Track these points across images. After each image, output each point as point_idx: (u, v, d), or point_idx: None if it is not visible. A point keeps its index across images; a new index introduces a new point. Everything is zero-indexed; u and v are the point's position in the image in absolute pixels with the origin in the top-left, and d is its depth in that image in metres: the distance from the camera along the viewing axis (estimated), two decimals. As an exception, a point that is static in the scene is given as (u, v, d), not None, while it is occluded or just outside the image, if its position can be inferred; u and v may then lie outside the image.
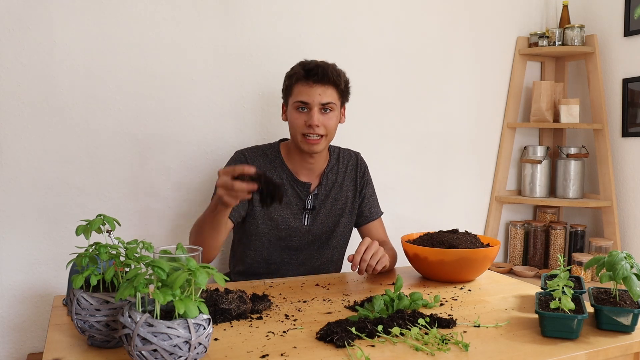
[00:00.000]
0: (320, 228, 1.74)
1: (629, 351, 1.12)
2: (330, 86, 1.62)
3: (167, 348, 0.86)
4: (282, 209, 1.69)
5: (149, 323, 0.87)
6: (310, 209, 1.72)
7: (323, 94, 1.61)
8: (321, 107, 1.61)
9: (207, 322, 0.91)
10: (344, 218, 1.78)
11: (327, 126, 1.63)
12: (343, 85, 1.66)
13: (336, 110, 1.65)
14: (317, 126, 1.60)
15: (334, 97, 1.63)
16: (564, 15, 2.57)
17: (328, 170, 1.76)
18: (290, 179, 1.71)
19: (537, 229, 2.58)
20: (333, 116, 1.64)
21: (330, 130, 1.64)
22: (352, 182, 1.80)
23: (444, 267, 1.51)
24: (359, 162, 1.83)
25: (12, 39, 1.70)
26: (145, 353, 0.87)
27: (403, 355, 1.02)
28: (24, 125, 1.73)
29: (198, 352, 0.90)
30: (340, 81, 1.64)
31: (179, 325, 0.87)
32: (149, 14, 1.86)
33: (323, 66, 1.62)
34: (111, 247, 1.06)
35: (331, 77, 1.61)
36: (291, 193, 1.70)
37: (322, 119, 1.61)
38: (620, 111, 2.48)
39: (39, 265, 1.78)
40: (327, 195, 1.75)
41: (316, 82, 1.60)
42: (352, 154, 1.84)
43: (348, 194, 1.78)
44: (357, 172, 1.81)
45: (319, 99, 1.60)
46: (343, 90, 1.67)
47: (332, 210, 1.76)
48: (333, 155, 1.79)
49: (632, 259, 1.19)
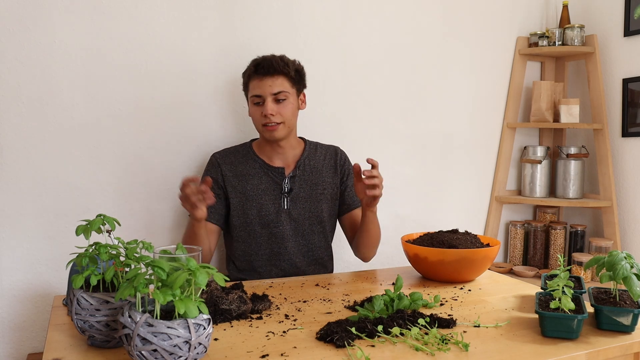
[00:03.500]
0: (303, 213, 1.78)
1: (629, 351, 1.12)
2: (279, 76, 1.70)
3: (167, 348, 0.86)
4: (260, 196, 1.75)
5: (149, 323, 0.87)
6: (287, 192, 1.77)
7: (273, 85, 1.69)
8: (273, 97, 1.69)
9: (207, 322, 0.92)
10: (327, 204, 1.82)
11: (282, 114, 1.70)
12: (293, 73, 1.73)
13: (290, 97, 1.72)
14: (271, 115, 1.68)
15: (284, 85, 1.70)
16: (564, 15, 2.57)
17: (305, 157, 1.82)
18: (264, 167, 1.78)
19: (537, 229, 2.58)
20: (287, 104, 1.71)
21: (286, 117, 1.71)
22: (331, 169, 1.84)
23: (444, 267, 1.51)
24: (338, 152, 1.89)
25: (12, 39, 1.70)
26: (145, 353, 0.87)
27: (403, 355, 1.02)
28: (24, 125, 1.73)
29: (198, 352, 0.90)
30: (288, 70, 1.71)
31: (179, 325, 0.87)
32: (149, 13, 1.86)
33: (270, 59, 1.71)
34: (111, 247, 1.06)
35: (278, 68, 1.69)
36: (266, 180, 1.77)
37: (277, 107, 1.70)
38: (620, 111, 2.48)
39: (39, 265, 1.78)
40: (306, 179, 1.79)
41: (265, 75, 1.69)
42: (331, 146, 1.91)
43: (327, 179, 1.83)
44: (337, 161, 1.86)
45: (270, 89, 1.69)
46: (294, 78, 1.73)
47: (313, 195, 1.79)
48: (310, 146, 1.85)
49: (632, 259, 1.19)
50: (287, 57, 1.75)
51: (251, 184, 1.76)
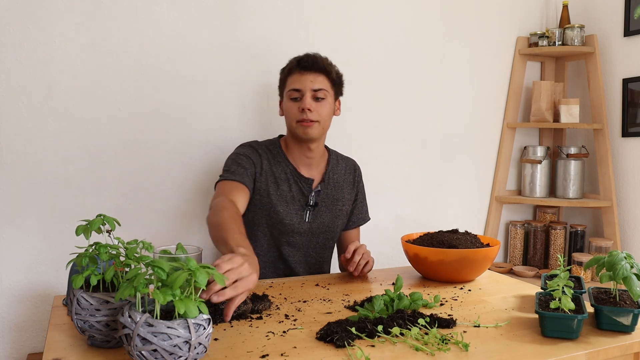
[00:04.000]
0: (321, 227, 1.75)
1: (629, 351, 1.12)
2: (321, 74, 1.67)
3: (167, 348, 0.86)
4: (286, 204, 1.70)
5: (149, 323, 0.87)
6: (312, 206, 1.73)
7: (314, 81, 1.65)
8: (313, 93, 1.65)
9: (207, 322, 0.91)
10: (340, 220, 1.81)
11: (320, 112, 1.65)
12: (334, 75, 1.70)
13: (329, 98, 1.68)
14: (309, 110, 1.63)
15: (325, 84, 1.67)
16: (564, 15, 2.57)
17: (330, 170, 1.78)
18: (294, 174, 1.72)
19: (537, 229, 2.58)
20: (326, 103, 1.67)
21: (323, 117, 1.66)
22: (349, 185, 1.83)
23: (444, 267, 1.51)
24: (355, 167, 1.87)
25: (12, 39, 1.70)
26: (145, 353, 0.87)
27: (403, 355, 1.02)
28: (24, 125, 1.73)
29: (198, 352, 0.90)
30: (331, 70, 1.69)
31: (179, 325, 0.87)
32: (149, 13, 1.86)
33: (314, 55, 1.68)
34: (111, 247, 1.06)
35: (321, 65, 1.67)
36: (295, 189, 1.71)
37: (315, 105, 1.65)
38: (620, 111, 2.48)
39: (39, 265, 1.78)
40: (329, 194, 1.76)
41: (307, 70, 1.66)
42: (349, 159, 1.88)
43: (346, 196, 1.81)
44: (355, 177, 1.85)
45: (310, 85, 1.65)
46: (335, 81, 1.70)
47: (333, 210, 1.77)
48: (332, 156, 1.81)
49: (632, 259, 1.19)
50: (330, 61, 1.72)
51: (281, 190, 1.69)
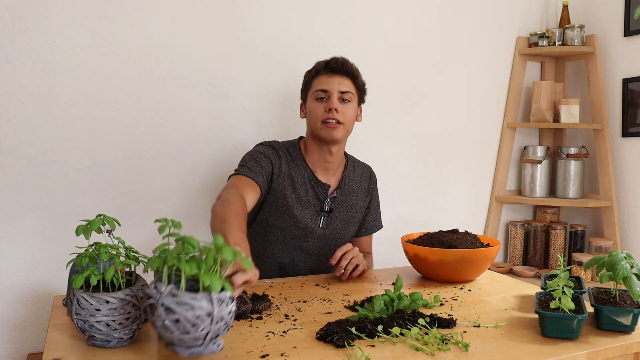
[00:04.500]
0: (334, 233, 1.74)
1: (629, 351, 1.12)
2: (348, 78, 1.67)
3: (190, 318, 0.87)
4: (302, 208, 1.68)
5: (173, 293, 0.88)
6: (327, 212, 1.72)
7: (342, 83, 1.66)
8: (340, 95, 1.65)
9: (230, 299, 0.92)
10: (352, 226, 1.80)
11: (346, 114, 1.65)
12: (360, 81, 1.71)
13: (353, 102, 1.68)
14: (336, 110, 1.63)
15: (352, 88, 1.68)
16: (564, 15, 2.57)
17: (346, 176, 1.77)
18: (312, 179, 1.70)
19: (537, 229, 2.58)
20: (351, 107, 1.67)
21: (348, 120, 1.66)
22: (364, 192, 1.81)
23: (444, 267, 1.51)
24: (372, 175, 1.86)
25: (12, 39, 1.70)
26: (169, 323, 0.88)
27: (403, 355, 1.02)
28: (24, 125, 1.73)
29: (220, 326, 0.90)
30: (358, 75, 1.70)
31: (202, 297, 0.88)
32: (149, 13, 1.86)
33: (343, 59, 1.69)
34: (111, 247, 1.06)
35: (349, 70, 1.67)
36: (311, 194, 1.70)
37: (341, 106, 1.65)
38: (620, 111, 2.48)
39: (39, 265, 1.78)
40: (344, 200, 1.75)
41: (335, 72, 1.66)
42: (366, 165, 1.87)
43: (360, 203, 1.80)
44: (370, 184, 1.84)
45: (338, 87, 1.65)
46: (360, 86, 1.71)
47: (347, 217, 1.76)
48: (350, 162, 1.80)
49: (632, 259, 1.19)
50: None
51: (296, 193, 1.67)
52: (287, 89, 2.10)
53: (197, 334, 0.88)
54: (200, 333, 0.88)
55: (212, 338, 0.91)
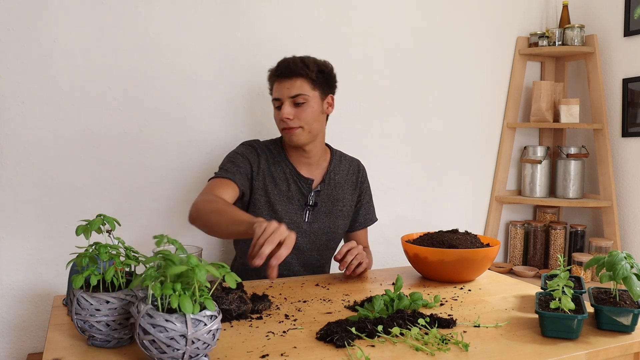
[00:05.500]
0: (322, 227, 1.75)
1: (629, 351, 1.12)
2: (297, 78, 1.63)
3: (164, 340, 0.88)
4: (285, 203, 1.70)
5: (150, 314, 0.90)
6: (311, 206, 1.73)
7: (291, 87, 1.63)
8: (292, 100, 1.63)
9: (209, 319, 0.92)
10: (342, 220, 1.80)
11: (301, 117, 1.63)
12: (315, 75, 1.64)
13: (310, 101, 1.64)
14: (287, 119, 1.62)
15: (303, 88, 1.63)
16: (564, 15, 2.57)
17: (331, 170, 1.77)
18: (294, 174, 1.72)
19: (537, 229, 2.58)
20: (307, 107, 1.63)
21: (306, 121, 1.64)
22: (351, 186, 1.81)
23: (444, 267, 1.51)
24: (360, 168, 1.85)
25: (12, 39, 1.70)
26: (146, 343, 0.90)
27: (403, 355, 1.02)
28: (24, 125, 1.73)
29: (197, 347, 0.90)
30: (308, 72, 1.63)
31: (176, 319, 0.89)
32: (149, 13, 1.86)
33: (288, 61, 1.65)
34: (111, 247, 1.06)
35: (296, 70, 1.62)
36: (294, 188, 1.72)
37: (295, 111, 1.63)
38: (620, 111, 2.48)
39: (39, 265, 1.78)
40: (330, 194, 1.76)
41: (282, 77, 1.64)
42: (354, 159, 1.87)
43: (347, 196, 1.80)
44: (358, 177, 1.83)
45: (288, 92, 1.63)
46: (316, 80, 1.65)
47: (333, 210, 1.76)
48: (335, 156, 1.81)
49: (632, 259, 1.19)
50: (311, 58, 1.68)
51: (278, 189, 1.70)
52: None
53: (173, 354, 0.89)
54: (177, 353, 0.89)
55: (192, 357, 0.91)
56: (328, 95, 1.71)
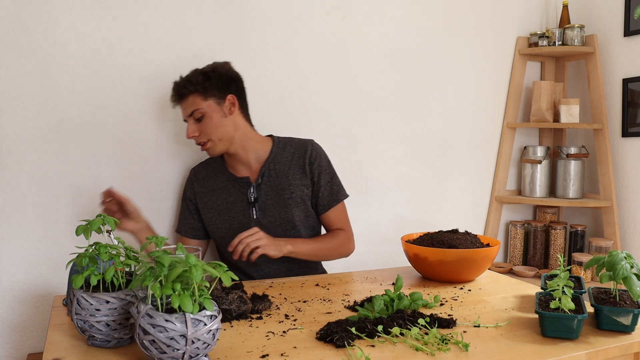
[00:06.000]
0: (273, 220, 1.72)
1: (629, 351, 1.12)
2: (188, 97, 1.66)
3: (164, 340, 0.88)
4: (230, 209, 1.74)
5: (150, 315, 0.90)
6: (254, 201, 1.73)
7: (186, 107, 1.67)
8: (192, 118, 1.66)
9: (209, 318, 0.92)
10: (297, 207, 1.73)
11: (205, 131, 1.66)
12: (201, 86, 1.64)
13: (208, 112, 1.65)
14: (193, 137, 1.67)
15: (196, 103, 1.64)
16: (564, 15, 2.57)
17: (269, 161, 1.75)
18: (230, 178, 1.76)
19: (537, 229, 2.58)
20: (206, 120, 1.65)
21: (212, 132, 1.66)
22: (298, 170, 1.75)
23: (444, 267, 1.51)
24: (308, 149, 1.77)
25: (12, 39, 1.70)
26: (146, 343, 0.90)
27: (403, 355, 1.02)
28: (24, 125, 1.73)
29: (197, 347, 0.90)
30: (194, 86, 1.64)
31: (176, 319, 0.89)
32: (149, 14, 1.86)
33: (176, 84, 1.69)
34: (111, 247, 1.06)
35: (183, 90, 1.66)
36: (234, 192, 1.74)
37: (198, 127, 1.66)
38: (620, 111, 2.48)
39: (39, 265, 1.78)
40: (272, 186, 1.73)
41: (177, 101, 1.69)
42: (303, 142, 1.79)
43: (294, 182, 1.74)
44: (305, 160, 1.75)
45: (185, 112, 1.68)
46: (205, 90, 1.64)
47: (281, 201, 1.72)
48: (277, 145, 1.77)
49: (632, 259, 1.19)
50: (197, 69, 1.68)
51: (221, 199, 1.75)
52: (288, 87, 2.11)
53: (173, 354, 0.90)
54: (177, 353, 0.90)
55: (192, 357, 0.91)
56: (226, 98, 1.68)
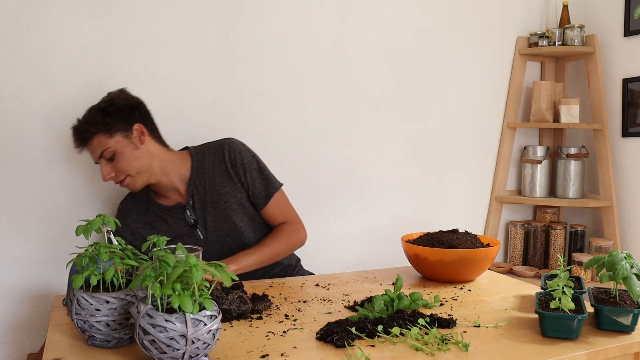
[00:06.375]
0: (220, 235, 1.65)
1: (629, 351, 1.12)
2: (91, 139, 1.56)
3: (164, 340, 0.88)
4: (177, 239, 1.61)
5: (150, 315, 0.90)
6: (195, 223, 1.64)
7: (92, 151, 1.58)
8: (102, 159, 1.57)
9: (209, 318, 0.92)
10: (237, 214, 1.66)
11: (120, 169, 1.57)
12: (102, 125, 1.54)
13: (118, 149, 1.55)
14: (110, 178, 1.58)
15: (102, 143, 1.55)
16: (564, 15, 2.57)
17: (193, 179, 1.65)
18: (163, 210, 1.66)
19: (537, 229, 2.58)
20: (118, 157, 1.56)
21: (126, 169, 1.57)
22: (224, 176, 1.66)
23: (444, 267, 1.51)
24: (225, 151, 1.67)
25: (12, 39, 1.70)
26: (146, 343, 0.90)
27: (403, 355, 1.02)
28: (24, 125, 1.73)
29: (197, 347, 0.90)
30: (93, 127, 1.54)
31: (176, 319, 0.89)
32: (149, 13, 1.86)
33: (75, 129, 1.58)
34: (111, 247, 1.06)
35: (84, 134, 1.55)
36: (172, 222, 1.65)
37: (112, 167, 1.57)
38: (620, 111, 2.48)
39: (39, 265, 1.77)
40: (204, 202, 1.64)
41: (82, 146, 1.59)
42: (217, 145, 1.70)
43: (224, 190, 1.65)
44: (227, 164, 1.66)
45: (94, 155, 1.58)
46: (108, 126, 1.54)
47: (219, 213, 1.64)
48: (197, 158, 1.67)
49: (632, 259, 1.19)
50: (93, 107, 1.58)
51: (162, 230, 1.64)
52: (288, 88, 2.10)
53: (173, 354, 0.90)
54: (177, 353, 0.90)
55: (192, 357, 0.91)
56: (132, 128, 1.58)
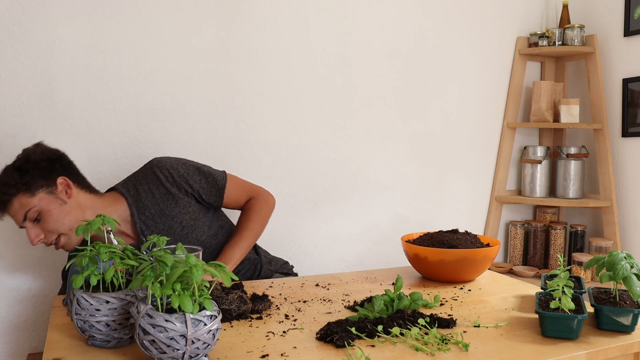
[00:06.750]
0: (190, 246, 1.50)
1: (629, 351, 1.12)
2: (11, 202, 1.42)
3: (164, 340, 0.88)
4: None
5: (150, 315, 0.90)
6: None
7: (15, 213, 1.43)
8: (27, 222, 1.43)
9: (209, 318, 0.92)
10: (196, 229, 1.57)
11: (50, 228, 1.44)
12: (21, 185, 1.40)
13: (44, 206, 1.42)
14: (40, 241, 1.44)
15: (25, 204, 1.41)
16: (564, 15, 2.57)
17: (136, 216, 1.53)
18: None
19: (537, 229, 2.58)
20: (45, 216, 1.42)
21: (58, 228, 1.44)
22: (168, 199, 1.55)
23: (444, 267, 1.51)
24: (159, 175, 1.55)
25: (12, 39, 1.70)
26: (146, 343, 0.90)
27: (403, 355, 1.02)
28: (24, 125, 1.73)
29: (197, 347, 0.90)
30: (12, 189, 1.40)
31: (176, 319, 0.89)
32: (149, 13, 1.86)
33: None
34: (111, 247, 1.06)
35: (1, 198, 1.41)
36: None
37: (39, 228, 1.44)
38: (620, 111, 2.48)
39: (39, 265, 1.77)
40: (159, 232, 1.54)
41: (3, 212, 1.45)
42: (148, 171, 1.57)
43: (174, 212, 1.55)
44: (165, 184, 1.55)
45: (17, 219, 1.44)
46: (27, 186, 1.41)
47: (178, 237, 1.55)
48: (130, 194, 1.55)
49: (632, 259, 1.19)
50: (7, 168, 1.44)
51: None
52: (288, 88, 2.11)
53: (173, 354, 0.90)
54: (177, 353, 0.90)
55: (192, 357, 0.92)
56: (56, 183, 1.45)
